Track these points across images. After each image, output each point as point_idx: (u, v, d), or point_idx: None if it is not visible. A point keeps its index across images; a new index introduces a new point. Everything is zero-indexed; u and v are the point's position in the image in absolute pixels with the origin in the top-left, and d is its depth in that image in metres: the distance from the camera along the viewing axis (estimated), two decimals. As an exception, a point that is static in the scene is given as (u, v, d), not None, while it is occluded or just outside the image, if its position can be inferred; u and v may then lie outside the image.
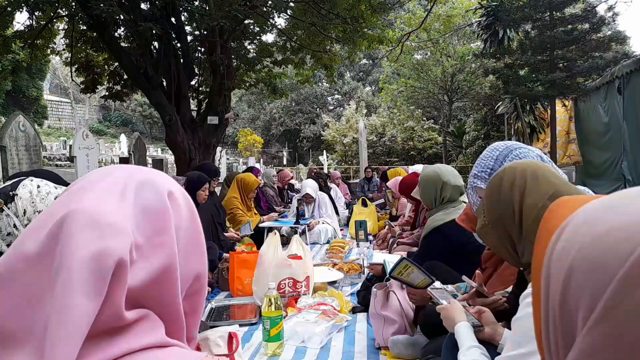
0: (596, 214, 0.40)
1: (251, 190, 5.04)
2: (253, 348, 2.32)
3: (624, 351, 0.34)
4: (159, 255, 0.56)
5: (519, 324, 1.08)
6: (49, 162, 17.72)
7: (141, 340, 0.53)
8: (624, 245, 0.36)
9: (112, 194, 0.57)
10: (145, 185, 0.59)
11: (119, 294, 0.51)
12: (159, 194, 0.59)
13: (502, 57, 10.37)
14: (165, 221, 0.58)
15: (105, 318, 0.50)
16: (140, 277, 0.54)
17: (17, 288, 0.50)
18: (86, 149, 4.75)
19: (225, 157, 15.65)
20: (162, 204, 0.59)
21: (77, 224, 0.52)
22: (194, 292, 0.63)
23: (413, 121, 22.21)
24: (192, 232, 0.62)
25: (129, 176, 0.60)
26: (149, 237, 0.56)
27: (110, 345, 0.51)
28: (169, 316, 0.58)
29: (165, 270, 0.56)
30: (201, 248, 0.65)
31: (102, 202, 0.55)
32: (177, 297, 0.58)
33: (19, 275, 0.50)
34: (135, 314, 0.54)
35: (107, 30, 5.83)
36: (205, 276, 0.66)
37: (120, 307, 0.51)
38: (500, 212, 1.24)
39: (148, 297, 0.55)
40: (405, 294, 2.19)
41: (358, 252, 4.37)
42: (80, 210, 0.53)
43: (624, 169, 8.27)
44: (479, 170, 1.74)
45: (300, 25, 7.19)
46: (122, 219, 0.54)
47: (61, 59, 9.23)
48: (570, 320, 0.39)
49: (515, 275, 1.76)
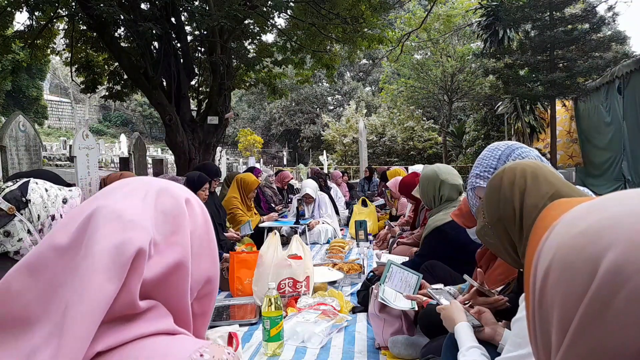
0: (579, 215, 0.41)
1: (251, 190, 5.04)
2: (253, 348, 2.32)
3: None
4: (174, 252, 0.61)
5: (519, 325, 1.08)
6: (49, 162, 17.72)
7: (151, 326, 0.58)
8: (591, 247, 0.36)
9: (134, 197, 0.63)
10: (164, 192, 0.66)
11: (135, 283, 0.56)
12: (177, 200, 0.66)
13: (502, 57, 10.38)
14: (182, 223, 0.64)
15: (120, 304, 0.55)
16: (155, 271, 0.59)
17: (45, 275, 0.55)
18: (86, 149, 4.74)
19: (225, 157, 15.65)
20: (179, 208, 0.65)
21: (103, 218, 0.58)
22: (205, 294, 0.68)
23: (413, 121, 22.20)
24: (206, 237, 0.68)
25: (149, 184, 0.66)
26: (166, 235, 0.62)
27: (123, 330, 0.56)
28: (177, 311, 0.62)
29: (178, 266, 0.61)
30: (213, 253, 0.69)
31: (126, 201, 0.62)
32: (186, 293, 0.63)
33: (48, 263, 0.56)
34: (147, 303, 0.58)
35: (107, 30, 5.83)
36: (216, 281, 0.70)
37: (135, 294, 0.56)
38: (500, 212, 1.23)
39: (160, 290, 0.60)
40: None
41: (358, 252, 4.37)
42: (106, 207, 0.60)
43: (624, 168, 8.28)
44: (481, 170, 1.73)
45: (300, 25, 7.18)
46: (143, 217, 0.60)
47: (61, 59, 9.22)
48: (547, 319, 0.40)
49: (506, 275, 1.76)
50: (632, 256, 0.34)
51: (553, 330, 0.39)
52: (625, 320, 0.33)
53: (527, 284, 0.45)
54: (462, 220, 2.16)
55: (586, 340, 0.35)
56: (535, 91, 9.25)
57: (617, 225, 0.36)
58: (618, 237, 0.35)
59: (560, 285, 0.38)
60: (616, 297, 0.34)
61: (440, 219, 2.72)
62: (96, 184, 4.72)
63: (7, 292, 0.55)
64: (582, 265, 0.36)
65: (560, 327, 0.38)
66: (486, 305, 1.58)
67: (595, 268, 0.35)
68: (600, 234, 0.36)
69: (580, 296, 0.36)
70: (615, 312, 0.33)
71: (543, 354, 0.42)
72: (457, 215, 2.20)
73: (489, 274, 1.87)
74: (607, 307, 0.34)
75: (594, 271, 0.35)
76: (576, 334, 0.36)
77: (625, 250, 0.34)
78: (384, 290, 2.14)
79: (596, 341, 0.34)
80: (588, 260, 0.36)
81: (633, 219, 0.36)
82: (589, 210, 0.40)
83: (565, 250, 0.39)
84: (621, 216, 0.37)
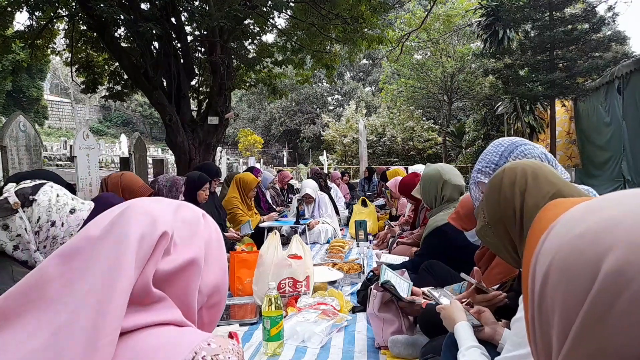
0: (578, 216, 0.40)
1: (250, 189, 5.04)
2: (253, 348, 2.32)
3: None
4: (190, 251, 0.69)
5: (519, 324, 1.08)
6: (49, 162, 17.73)
7: (162, 316, 0.64)
8: (591, 249, 0.36)
9: (161, 203, 0.73)
10: (185, 205, 0.76)
11: (150, 268, 0.64)
12: (195, 212, 0.76)
13: (502, 57, 10.37)
14: (198, 231, 0.72)
15: (138, 287, 0.62)
16: (170, 266, 0.66)
17: (77, 262, 0.62)
18: (86, 149, 4.73)
19: (226, 157, 15.64)
20: (197, 219, 0.74)
21: (134, 212, 0.67)
22: (213, 304, 0.75)
23: (413, 121, 22.20)
24: (218, 248, 0.76)
25: (172, 200, 0.76)
26: (183, 239, 0.69)
27: (137, 316, 0.62)
28: (185, 308, 0.68)
29: (191, 263, 0.68)
30: (223, 265, 0.77)
31: (153, 205, 0.71)
32: (195, 291, 0.69)
33: (81, 252, 0.63)
34: (159, 294, 0.65)
35: (107, 30, 5.83)
36: (224, 291, 0.77)
37: (150, 278, 0.63)
38: (500, 212, 1.23)
39: (172, 284, 0.67)
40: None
41: (358, 252, 4.37)
42: (137, 205, 0.70)
43: (624, 168, 8.27)
44: (483, 166, 1.73)
45: (300, 26, 7.17)
46: (167, 219, 0.69)
47: (61, 59, 9.22)
48: (547, 322, 0.39)
49: (504, 275, 1.76)
50: (632, 258, 0.34)
51: (554, 333, 0.38)
52: (628, 322, 0.33)
53: (525, 286, 0.45)
54: (459, 223, 2.17)
55: (588, 343, 0.35)
56: (535, 91, 9.25)
57: (616, 226, 0.36)
58: (618, 239, 0.35)
59: (560, 289, 0.38)
60: (618, 299, 0.33)
61: (441, 219, 2.72)
62: (97, 184, 4.71)
63: (41, 277, 0.62)
64: (582, 268, 0.36)
65: (561, 330, 0.38)
66: (484, 302, 1.58)
67: (595, 271, 0.35)
68: (599, 236, 0.36)
69: (582, 299, 0.36)
70: (617, 315, 0.33)
71: (543, 356, 0.41)
72: (454, 218, 2.20)
73: (487, 273, 1.87)
74: (609, 310, 0.34)
75: (595, 274, 0.35)
76: (578, 337, 0.36)
77: (625, 252, 0.34)
78: (388, 274, 2.13)
79: (598, 344, 0.34)
80: (588, 263, 0.36)
81: (632, 220, 0.36)
82: (587, 211, 0.40)
83: (565, 252, 0.38)
84: (620, 217, 0.37)
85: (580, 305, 0.36)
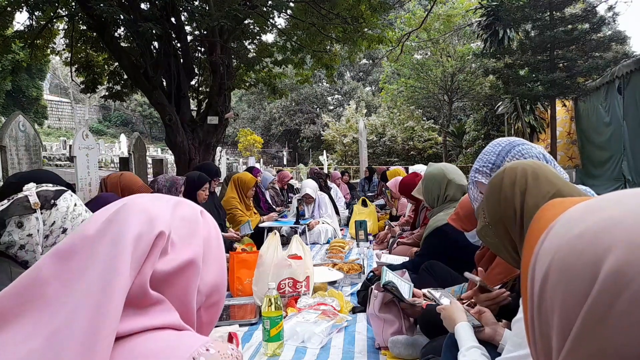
0: (577, 216, 0.40)
1: (249, 189, 5.03)
2: (253, 348, 2.32)
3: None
4: (188, 251, 0.68)
5: (519, 325, 1.08)
6: (49, 162, 17.73)
7: (159, 319, 0.62)
8: (591, 250, 0.36)
9: (159, 201, 0.71)
10: (183, 202, 0.74)
11: (147, 269, 0.62)
12: (194, 210, 0.74)
13: (502, 57, 10.38)
14: (197, 229, 0.71)
15: (135, 289, 0.60)
16: (168, 266, 0.65)
17: (75, 262, 0.61)
18: (86, 149, 4.73)
19: (225, 157, 15.64)
20: (195, 216, 0.73)
21: (131, 210, 0.66)
22: (212, 303, 0.74)
23: (413, 121, 22.20)
24: (217, 246, 0.75)
25: (170, 197, 0.75)
26: (181, 237, 0.68)
27: (134, 319, 0.61)
28: (183, 309, 0.67)
29: (190, 264, 0.67)
30: (222, 263, 0.75)
31: (151, 202, 0.70)
32: (194, 292, 0.68)
33: (78, 251, 0.62)
34: (156, 296, 0.63)
35: (107, 30, 5.82)
36: (223, 291, 0.76)
37: (146, 280, 0.62)
38: (501, 212, 1.23)
39: (170, 285, 0.65)
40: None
41: (358, 252, 4.37)
42: (134, 202, 0.68)
43: (624, 168, 8.27)
44: (481, 165, 1.73)
45: (300, 25, 7.17)
46: (165, 218, 0.68)
47: (61, 59, 9.21)
48: (547, 322, 0.39)
49: (504, 275, 1.76)
50: (632, 258, 0.33)
51: (553, 334, 0.38)
52: (628, 322, 0.33)
53: (525, 286, 0.45)
54: (459, 224, 2.16)
55: (588, 343, 0.35)
56: (536, 91, 9.25)
57: (616, 226, 0.36)
58: (617, 239, 0.35)
59: (560, 289, 0.38)
60: (618, 300, 0.33)
61: (442, 219, 2.72)
62: (96, 184, 4.71)
63: (37, 277, 0.61)
64: (582, 269, 0.36)
65: (561, 331, 0.37)
66: (489, 300, 1.57)
67: (595, 271, 0.35)
68: (599, 236, 0.36)
69: (581, 300, 0.36)
70: (617, 315, 0.33)
71: (543, 357, 0.41)
72: (454, 219, 2.20)
73: (487, 273, 1.87)
74: (610, 310, 0.34)
75: (595, 274, 0.35)
76: (578, 338, 0.36)
77: (625, 252, 0.34)
78: (389, 275, 2.13)
79: (599, 345, 0.34)
80: (588, 264, 0.36)
81: (631, 220, 0.35)
82: (587, 211, 0.40)
83: (564, 253, 0.38)
84: (619, 217, 0.36)
85: (580, 305, 0.35)
